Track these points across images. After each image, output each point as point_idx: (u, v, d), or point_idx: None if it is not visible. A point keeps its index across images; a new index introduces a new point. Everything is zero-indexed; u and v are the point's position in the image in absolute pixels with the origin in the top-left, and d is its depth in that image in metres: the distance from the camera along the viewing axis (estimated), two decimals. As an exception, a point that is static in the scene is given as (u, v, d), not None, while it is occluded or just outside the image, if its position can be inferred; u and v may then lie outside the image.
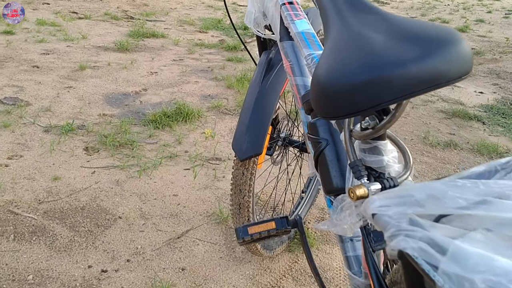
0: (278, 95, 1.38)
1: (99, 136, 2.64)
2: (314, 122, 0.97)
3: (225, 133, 2.87)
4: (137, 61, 4.20)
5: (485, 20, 8.30)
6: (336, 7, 0.71)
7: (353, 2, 0.70)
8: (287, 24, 1.09)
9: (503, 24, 7.88)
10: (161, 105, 3.17)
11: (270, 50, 1.46)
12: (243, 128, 1.33)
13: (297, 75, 1.13)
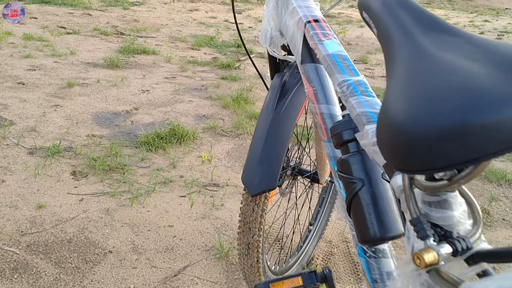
0: (293, 122, 1.23)
1: (87, 159, 2.47)
2: (346, 159, 0.82)
3: (222, 157, 2.72)
4: (127, 79, 4.05)
5: (478, 40, 8.28)
6: (403, 26, 0.56)
7: (425, 20, 0.55)
8: (313, 45, 0.95)
9: (496, 45, 7.87)
10: (153, 126, 3.01)
11: (284, 73, 1.31)
12: (254, 160, 1.18)
13: (322, 102, 0.98)
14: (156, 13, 8.19)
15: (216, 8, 9.87)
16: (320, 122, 0.98)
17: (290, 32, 1.06)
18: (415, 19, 0.56)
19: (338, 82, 0.85)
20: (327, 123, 0.96)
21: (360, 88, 0.82)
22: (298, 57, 1.05)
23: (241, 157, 2.73)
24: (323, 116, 0.97)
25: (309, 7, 1.01)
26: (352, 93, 0.81)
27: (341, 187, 0.93)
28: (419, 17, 0.56)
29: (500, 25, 11.32)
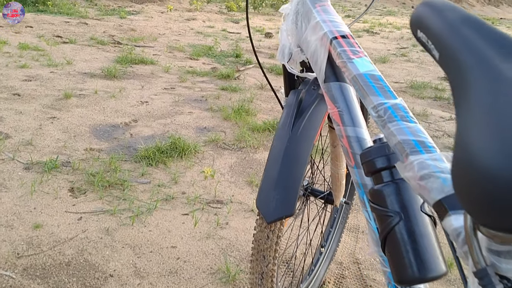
0: (312, 143, 1.14)
1: (86, 175, 2.38)
2: (380, 190, 0.74)
3: (225, 171, 2.63)
4: (126, 89, 3.96)
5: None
6: (476, 50, 0.48)
7: (501, 42, 0.47)
8: (341, 64, 0.87)
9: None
10: (153, 139, 2.92)
11: (299, 90, 1.23)
12: (270, 183, 1.09)
13: (348, 124, 0.91)
14: (153, 22, 8.12)
15: (213, 18, 9.82)
16: (346, 146, 0.90)
17: (312, 48, 0.98)
18: (489, 41, 0.48)
19: (373, 105, 0.77)
20: (355, 148, 0.88)
21: (399, 112, 0.74)
22: (321, 75, 0.98)
23: (244, 172, 2.64)
24: (350, 140, 0.89)
25: (335, 22, 0.94)
26: (391, 118, 0.73)
27: (371, 218, 0.85)
28: (493, 38, 0.48)
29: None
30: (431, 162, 0.65)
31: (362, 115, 0.94)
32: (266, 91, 4.46)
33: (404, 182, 0.73)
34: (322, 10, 0.97)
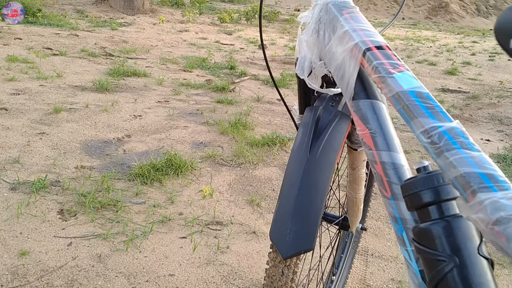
0: (332, 167, 1.01)
1: (76, 195, 2.23)
2: (428, 229, 0.62)
3: (224, 190, 2.49)
4: (118, 103, 3.82)
5: (472, 62, 8.24)
6: None
7: None
8: (377, 79, 0.74)
9: (490, 67, 7.82)
10: (148, 155, 2.78)
11: (316, 106, 1.09)
12: (286, 213, 0.96)
13: (383, 148, 0.78)
14: (145, 34, 8.00)
15: (206, 29, 9.73)
16: (380, 173, 0.77)
17: (338, 61, 0.85)
18: None
19: (423, 130, 0.64)
20: (391, 176, 0.76)
21: (458, 138, 0.61)
22: (349, 92, 0.85)
23: (244, 190, 2.51)
24: (385, 166, 0.76)
25: (367, 31, 0.81)
26: (449, 146, 0.61)
27: (412, 259, 0.72)
28: None
29: (488, 46, 11.35)
30: (507, 202, 0.52)
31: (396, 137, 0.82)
32: (262, 104, 4.34)
33: (457, 219, 0.60)
34: (350, 17, 0.85)
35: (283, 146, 3.17)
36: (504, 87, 6.04)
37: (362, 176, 1.24)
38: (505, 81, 6.51)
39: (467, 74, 7.01)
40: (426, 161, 0.66)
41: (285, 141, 3.18)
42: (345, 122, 1.05)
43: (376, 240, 2.19)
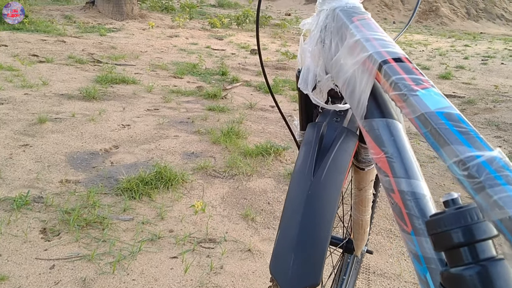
0: (339, 191, 0.89)
1: (60, 213, 2.10)
2: (461, 275, 0.51)
3: (217, 203, 2.38)
4: (106, 112, 3.70)
5: (465, 66, 8.19)
6: None
7: None
8: (396, 97, 0.63)
9: (484, 71, 7.77)
10: (136, 167, 2.66)
11: (319, 123, 0.98)
12: (289, 243, 0.85)
13: (401, 175, 0.67)
14: (135, 40, 7.87)
15: (197, 34, 9.61)
16: (399, 204, 0.66)
17: (348, 74, 0.74)
18: None
19: (458, 160, 0.53)
20: (412, 207, 0.64)
21: (502, 171, 0.50)
22: (360, 109, 0.74)
23: (238, 204, 2.39)
24: (404, 196, 0.65)
25: (382, 40, 0.70)
26: (492, 181, 0.50)
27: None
28: None
29: (480, 49, 11.34)
30: None
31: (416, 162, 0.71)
32: (255, 111, 4.23)
33: (495, 263, 0.50)
34: (362, 24, 0.73)
35: (278, 155, 3.06)
36: (499, 91, 5.98)
37: (369, 197, 1.13)
38: (500, 85, 6.45)
39: (461, 79, 6.94)
40: (454, 193, 0.55)
41: (279, 151, 3.07)
42: (352, 140, 0.94)
43: (377, 256, 2.08)
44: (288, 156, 3.10)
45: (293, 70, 6.59)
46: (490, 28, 20.08)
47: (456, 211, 0.53)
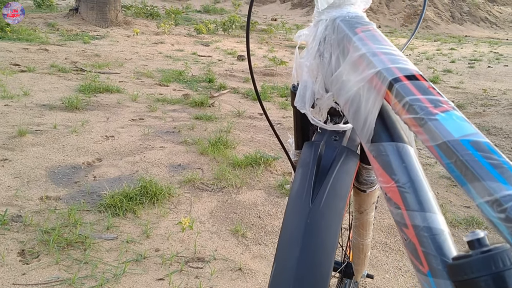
0: (341, 218, 0.80)
1: (39, 233, 1.99)
2: None
3: (205, 219, 2.28)
4: (89, 122, 3.58)
5: (452, 70, 8.18)
6: None
7: None
8: (413, 121, 0.54)
9: (471, 74, 7.77)
10: (120, 181, 2.55)
11: (316, 142, 0.88)
12: (286, 279, 0.75)
13: (415, 208, 0.58)
14: (119, 47, 7.74)
15: (182, 41, 9.50)
16: (413, 241, 0.57)
17: (351, 92, 0.66)
18: None
19: (492, 199, 0.44)
20: (428, 245, 0.55)
21: None
22: (366, 132, 0.65)
23: (227, 218, 2.30)
24: (419, 232, 0.56)
25: (392, 55, 0.62)
26: None
27: None
28: None
29: (466, 52, 11.40)
30: None
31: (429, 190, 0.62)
32: (244, 119, 4.14)
33: None
34: (367, 37, 0.65)
35: (268, 166, 2.97)
36: (488, 95, 5.96)
37: (370, 220, 1.04)
38: (488, 88, 6.44)
39: (449, 83, 6.92)
40: (480, 231, 0.47)
41: (269, 161, 2.98)
42: (353, 160, 0.85)
43: (373, 271, 2.00)
44: (279, 166, 3.01)
45: (281, 76, 6.52)
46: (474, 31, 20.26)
47: (485, 255, 0.44)
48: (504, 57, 10.48)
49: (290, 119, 4.28)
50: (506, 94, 6.10)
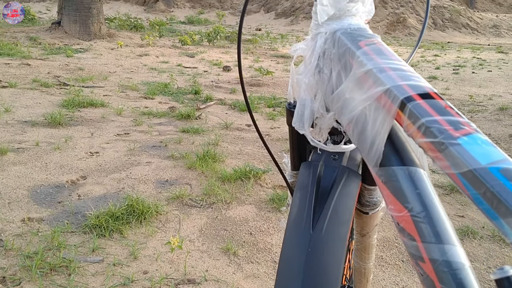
0: (344, 246, 0.73)
1: (21, 258, 1.89)
2: None
3: (195, 237, 2.20)
4: (72, 139, 3.48)
5: (438, 77, 8.21)
6: None
7: None
8: (430, 145, 0.48)
9: (456, 81, 7.80)
10: (106, 200, 2.46)
11: (314, 163, 0.82)
12: None
13: (431, 240, 0.52)
14: (103, 60, 7.65)
15: (167, 52, 9.43)
16: (430, 277, 0.51)
17: (356, 111, 0.60)
18: None
19: None
20: (449, 282, 0.49)
21: None
22: (374, 154, 0.59)
23: (217, 236, 2.22)
24: (438, 267, 0.50)
25: (402, 70, 0.56)
26: None
27: None
28: None
29: (450, 59, 11.48)
30: None
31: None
32: (231, 131, 4.07)
33: None
34: (372, 50, 0.59)
35: (258, 179, 2.89)
36: (474, 101, 5.97)
37: (373, 243, 0.98)
38: (474, 94, 6.46)
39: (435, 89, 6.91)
40: (510, 268, 0.41)
41: (259, 174, 2.91)
42: (355, 182, 0.79)
43: None
44: (269, 179, 2.94)
45: (267, 86, 6.48)
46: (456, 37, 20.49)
47: None
48: (487, 63, 10.57)
49: (278, 129, 4.23)
50: (492, 100, 6.12)
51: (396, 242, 2.29)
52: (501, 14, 25.55)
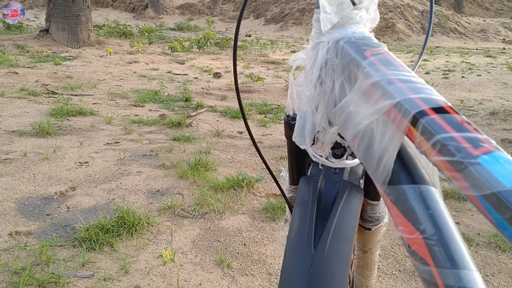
0: (348, 265, 0.69)
1: (8, 274, 1.83)
2: None
3: (187, 249, 2.15)
4: (61, 148, 3.42)
5: (428, 81, 8.16)
6: None
7: None
8: (447, 165, 0.44)
9: (447, 85, 7.81)
10: (96, 211, 2.41)
11: (314, 177, 0.78)
12: None
13: (446, 265, 0.48)
14: (92, 67, 7.57)
15: (157, 59, 9.37)
16: None
17: (361, 125, 0.56)
18: None
19: None
20: None
21: None
22: (382, 172, 0.55)
23: (211, 247, 2.17)
24: None
25: (412, 82, 0.52)
26: None
27: None
28: None
29: (439, 63, 11.53)
30: None
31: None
32: (223, 138, 4.02)
33: None
34: (379, 61, 0.55)
35: (251, 188, 2.85)
36: (465, 106, 5.97)
37: (375, 259, 0.94)
38: (465, 99, 6.47)
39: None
40: None
41: (252, 183, 2.86)
42: (357, 197, 0.75)
43: (368, 299, 1.89)
44: (262, 188, 2.89)
45: (258, 93, 6.44)
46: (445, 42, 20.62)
47: None
48: (476, 67, 10.62)
49: (270, 136, 4.19)
50: (482, 104, 6.14)
51: (392, 251, 2.26)
52: (488, 19, 25.79)
